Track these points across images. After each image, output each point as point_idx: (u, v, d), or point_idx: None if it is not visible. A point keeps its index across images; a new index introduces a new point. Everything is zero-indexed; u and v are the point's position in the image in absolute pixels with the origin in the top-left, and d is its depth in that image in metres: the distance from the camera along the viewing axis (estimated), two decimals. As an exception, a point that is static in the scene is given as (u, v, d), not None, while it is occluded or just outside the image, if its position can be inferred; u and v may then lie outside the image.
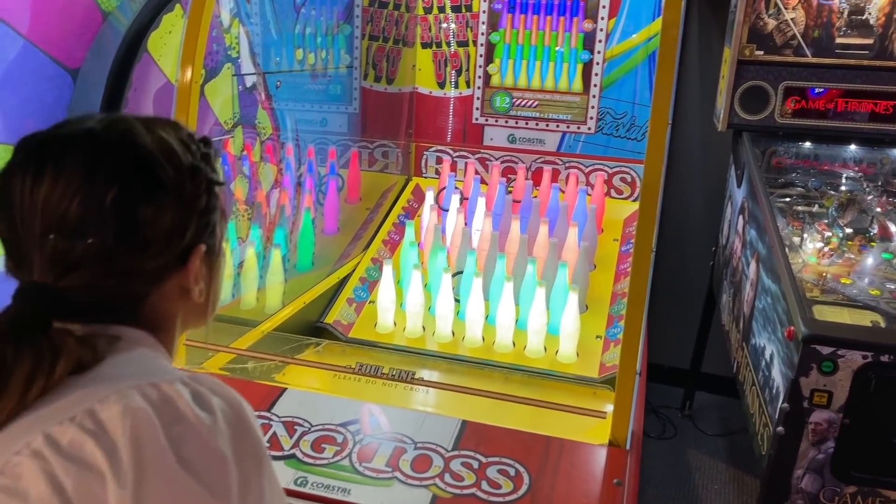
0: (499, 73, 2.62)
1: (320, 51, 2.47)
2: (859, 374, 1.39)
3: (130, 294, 0.67)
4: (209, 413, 0.61)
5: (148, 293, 0.68)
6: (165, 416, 0.58)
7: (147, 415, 0.58)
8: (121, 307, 0.67)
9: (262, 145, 2.29)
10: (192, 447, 0.58)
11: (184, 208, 0.68)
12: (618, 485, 1.23)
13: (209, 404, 0.61)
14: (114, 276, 0.65)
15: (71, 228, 0.62)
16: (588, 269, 2.23)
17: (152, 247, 0.66)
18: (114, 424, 0.57)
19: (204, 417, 0.60)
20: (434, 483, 1.22)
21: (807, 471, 1.48)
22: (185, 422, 0.59)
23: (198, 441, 0.59)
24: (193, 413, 0.60)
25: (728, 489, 2.34)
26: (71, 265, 0.63)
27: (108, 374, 0.62)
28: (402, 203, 2.66)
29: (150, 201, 0.65)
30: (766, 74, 2.09)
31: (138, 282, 0.67)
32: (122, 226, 0.64)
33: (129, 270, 0.65)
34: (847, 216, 1.93)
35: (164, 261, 0.67)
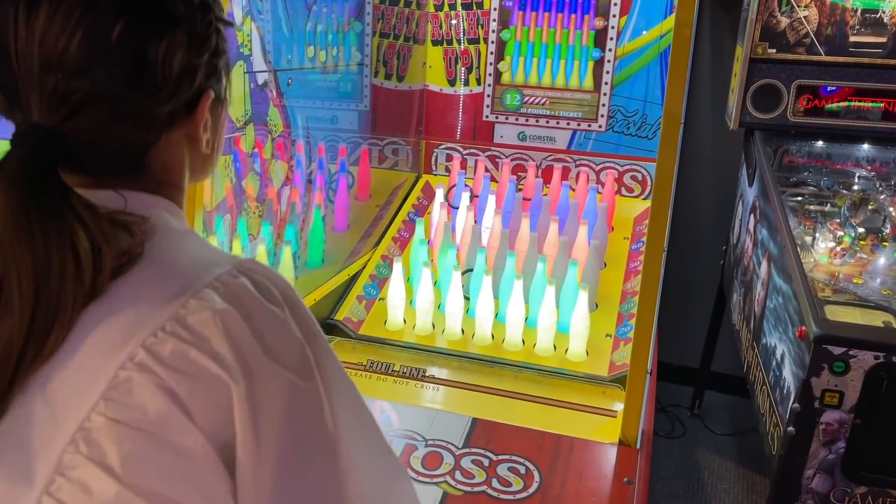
0: (509, 70, 2.62)
1: (331, 48, 2.47)
2: (871, 374, 1.39)
3: (138, 142, 0.63)
4: (274, 301, 0.60)
5: (155, 141, 0.63)
6: (244, 312, 0.58)
7: (233, 314, 0.57)
8: (127, 156, 0.63)
9: (273, 142, 2.30)
10: (272, 337, 0.58)
11: (194, 48, 0.62)
12: (628, 483, 1.23)
13: (270, 292, 0.60)
14: (121, 120, 0.60)
15: (73, 66, 0.57)
16: (598, 268, 2.23)
17: (162, 90, 0.61)
18: (208, 329, 0.56)
19: (272, 307, 0.59)
20: (445, 480, 1.23)
21: (817, 471, 1.48)
22: (260, 314, 0.58)
23: (275, 330, 0.59)
24: (263, 304, 0.59)
25: (737, 488, 2.34)
26: (74, 107, 0.58)
27: (166, 271, 0.59)
28: (412, 200, 2.66)
29: (160, 37, 0.60)
30: (779, 73, 2.08)
31: (147, 128, 0.62)
32: (130, 64, 0.58)
33: (138, 115, 0.61)
34: (859, 215, 1.93)
35: (174, 106, 0.62)
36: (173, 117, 0.63)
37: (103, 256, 0.56)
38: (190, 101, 0.64)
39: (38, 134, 0.57)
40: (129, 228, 0.59)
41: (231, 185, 2.18)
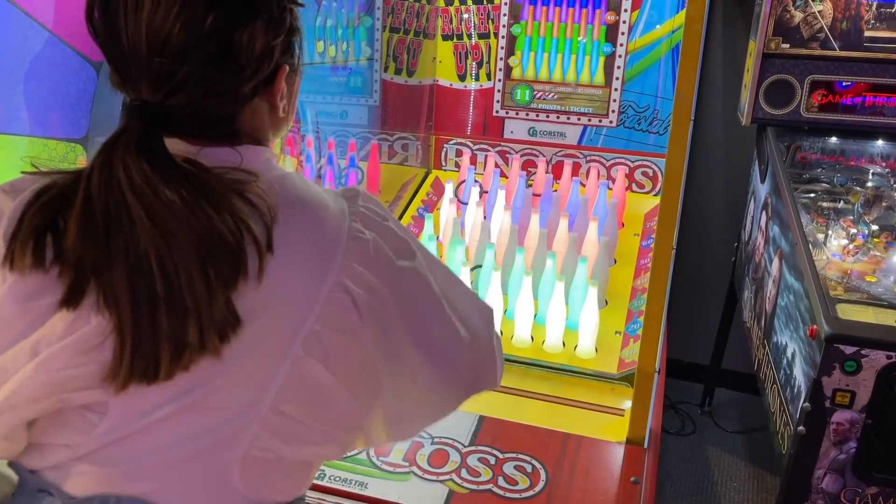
0: (520, 65, 2.60)
1: (341, 43, 2.47)
2: (883, 374, 1.38)
3: (228, 112, 0.75)
4: (382, 216, 0.78)
5: (242, 111, 0.76)
6: (377, 232, 0.76)
7: (374, 238, 0.75)
8: (220, 124, 0.75)
9: (282, 138, 2.30)
10: (392, 243, 0.77)
11: (272, 32, 0.74)
12: (635, 483, 1.23)
13: (376, 211, 0.78)
14: (214, 96, 0.72)
15: (174, 52, 0.68)
16: (608, 264, 2.22)
17: (246, 69, 0.72)
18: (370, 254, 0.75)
19: (383, 221, 0.78)
20: (451, 478, 1.22)
21: (828, 471, 1.47)
22: (382, 230, 0.76)
23: (392, 238, 0.77)
24: (380, 222, 0.77)
25: (747, 487, 2.33)
26: (175, 87, 0.69)
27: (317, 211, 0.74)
28: (422, 196, 2.66)
29: (244, 25, 0.71)
30: (792, 68, 2.06)
31: (235, 101, 0.74)
32: (221, 49, 0.70)
33: (227, 91, 0.72)
34: (873, 213, 1.90)
35: (257, 82, 0.74)
36: (255, 91, 0.75)
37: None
38: (269, 76, 0.76)
39: (147, 110, 0.69)
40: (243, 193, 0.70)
41: (240, 181, 2.18)
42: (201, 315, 0.66)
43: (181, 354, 0.67)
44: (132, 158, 0.66)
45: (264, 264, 0.69)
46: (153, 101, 0.70)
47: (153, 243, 0.65)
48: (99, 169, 0.67)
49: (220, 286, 0.67)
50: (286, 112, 0.81)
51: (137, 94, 0.71)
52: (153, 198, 0.65)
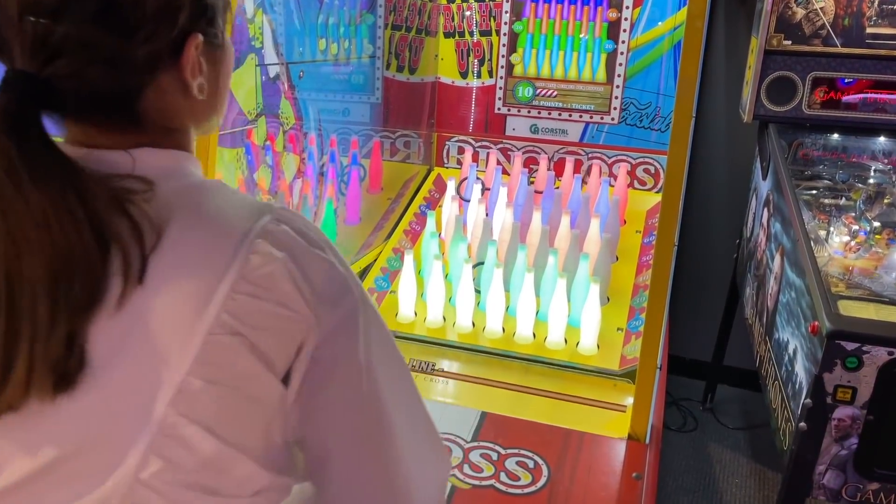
0: (522, 62, 2.61)
1: (343, 40, 2.47)
2: (884, 370, 1.38)
3: (123, 86, 0.62)
4: (316, 244, 0.64)
5: (141, 86, 0.63)
6: (295, 257, 0.62)
7: (289, 262, 0.61)
8: (116, 102, 0.62)
9: (285, 135, 2.30)
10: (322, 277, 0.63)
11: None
12: (637, 478, 1.23)
13: (309, 236, 0.65)
14: (98, 63, 0.59)
15: (48, 8, 0.57)
16: (610, 261, 2.22)
17: (138, 32, 0.60)
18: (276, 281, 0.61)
19: (315, 249, 0.64)
20: (453, 474, 1.23)
21: (829, 467, 1.47)
22: (308, 258, 0.63)
23: (323, 270, 0.64)
24: (307, 248, 0.63)
25: (749, 483, 2.33)
26: (52, 52, 0.58)
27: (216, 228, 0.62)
28: (424, 193, 2.66)
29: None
30: (794, 65, 2.06)
31: (128, 72, 0.61)
32: (99, 5, 0.58)
33: (115, 57, 0.60)
34: (875, 209, 1.90)
35: (153, 48, 0.61)
36: (156, 61, 0.62)
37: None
38: (174, 44, 0.63)
39: (20, 80, 0.58)
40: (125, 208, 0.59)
41: (243, 178, 2.19)
42: (34, 345, 0.55)
43: (2, 386, 0.56)
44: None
45: (127, 297, 0.57)
46: (29, 72, 0.58)
47: (3, 250, 0.55)
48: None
49: (66, 315, 0.56)
50: (207, 94, 0.67)
51: (11, 65, 0.59)
52: (14, 194, 0.55)
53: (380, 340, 0.68)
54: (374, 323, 0.67)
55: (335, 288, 0.64)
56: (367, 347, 0.66)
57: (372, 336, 0.66)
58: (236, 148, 2.16)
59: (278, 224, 0.63)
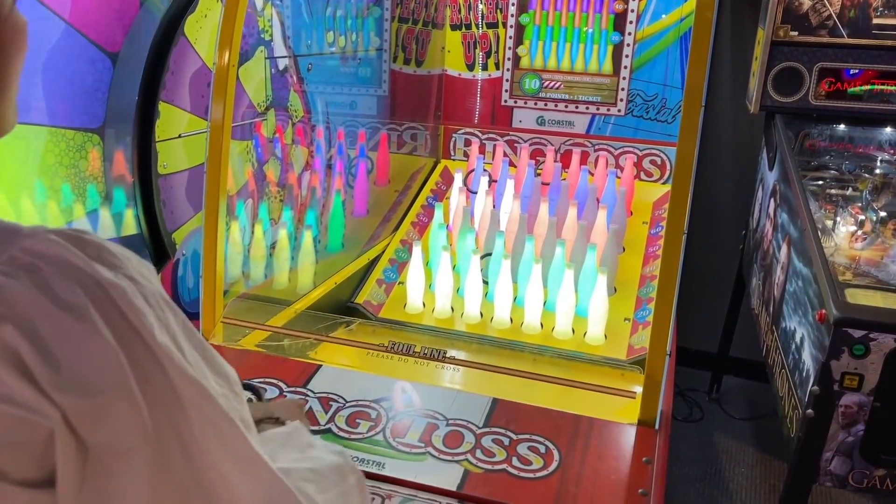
0: (528, 54, 2.62)
1: (350, 33, 2.49)
2: (891, 357, 1.39)
3: None
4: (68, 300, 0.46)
5: None
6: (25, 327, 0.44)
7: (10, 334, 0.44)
8: None
9: (293, 128, 2.32)
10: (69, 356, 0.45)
11: None
12: (647, 463, 1.25)
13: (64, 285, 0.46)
14: None
15: None
16: (617, 252, 2.24)
17: None
18: None
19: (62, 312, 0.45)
20: (466, 458, 1.25)
21: (836, 453, 1.49)
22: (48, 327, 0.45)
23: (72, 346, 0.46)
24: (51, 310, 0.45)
25: (754, 472, 2.35)
26: None
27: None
28: (431, 185, 2.67)
29: None
30: (801, 56, 2.07)
31: None
32: None
33: None
34: (881, 199, 1.91)
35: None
36: None
37: None
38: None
39: None
40: None
41: (252, 170, 2.21)
42: None
43: None
44: None
45: None
46: None
47: None
48: None
49: None
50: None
51: None
52: None
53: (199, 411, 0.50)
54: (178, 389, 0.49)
55: (93, 369, 0.46)
56: (171, 427, 0.49)
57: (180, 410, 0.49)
58: (245, 140, 2.17)
59: (13, 274, 0.44)
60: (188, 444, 0.49)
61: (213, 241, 1.52)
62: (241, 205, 2.13)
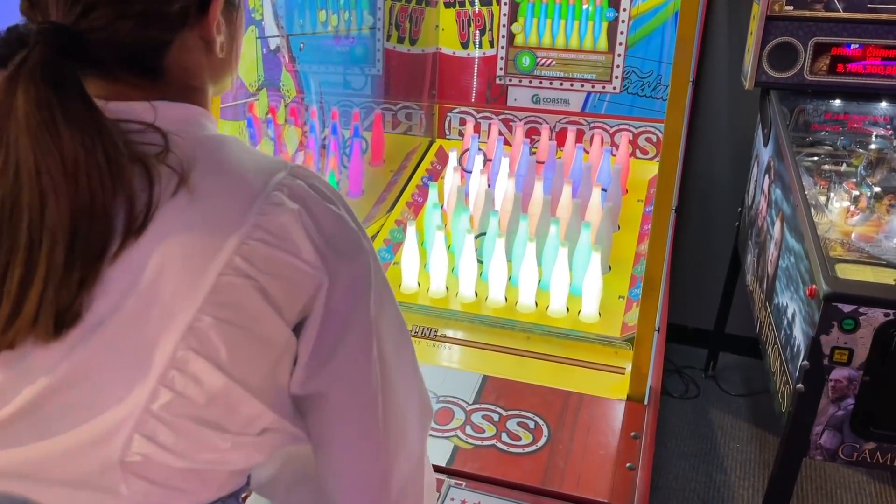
0: (523, 32, 2.60)
1: (343, 12, 2.47)
2: (881, 331, 1.40)
3: (152, 40, 0.64)
4: (329, 199, 0.66)
5: (170, 42, 0.65)
6: (310, 211, 0.64)
7: (303, 214, 0.63)
8: (145, 57, 0.65)
9: (286, 108, 2.31)
10: (335, 230, 0.66)
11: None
12: (635, 438, 1.26)
13: (323, 191, 0.67)
14: (131, 17, 0.61)
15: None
16: (612, 230, 2.24)
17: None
18: (290, 231, 0.63)
19: (329, 204, 0.66)
20: (456, 435, 1.26)
21: (826, 427, 1.50)
22: (322, 211, 0.65)
23: (336, 224, 0.66)
24: (321, 202, 0.66)
25: (750, 448, 2.36)
26: (88, 4, 0.60)
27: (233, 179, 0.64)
28: (426, 165, 2.67)
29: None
30: (796, 30, 2.05)
31: (158, 27, 0.64)
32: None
33: (147, 13, 0.62)
34: (876, 175, 1.91)
35: (184, 4, 0.64)
36: (185, 17, 0.65)
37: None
38: (202, 1, 0.66)
39: (57, 31, 0.59)
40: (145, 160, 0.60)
41: (246, 151, 2.20)
42: (47, 288, 0.56)
43: (10, 325, 0.57)
44: (35, 90, 0.56)
45: (126, 245, 0.58)
46: (64, 24, 0.59)
47: (29, 200, 0.56)
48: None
49: (80, 262, 0.57)
50: (226, 52, 0.70)
51: (45, 16, 0.60)
52: (50, 142, 0.56)
53: (388, 301, 0.70)
54: (383, 284, 0.69)
55: (348, 243, 0.66)
56: (378, 306, 0.67)
57: (383, 296, 0.69)
58: (238, 121, 2.17)
59: (294, 178, 0.65)
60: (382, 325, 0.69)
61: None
62: (234, 186, 2.13)
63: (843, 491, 2.19)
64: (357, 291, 0.67)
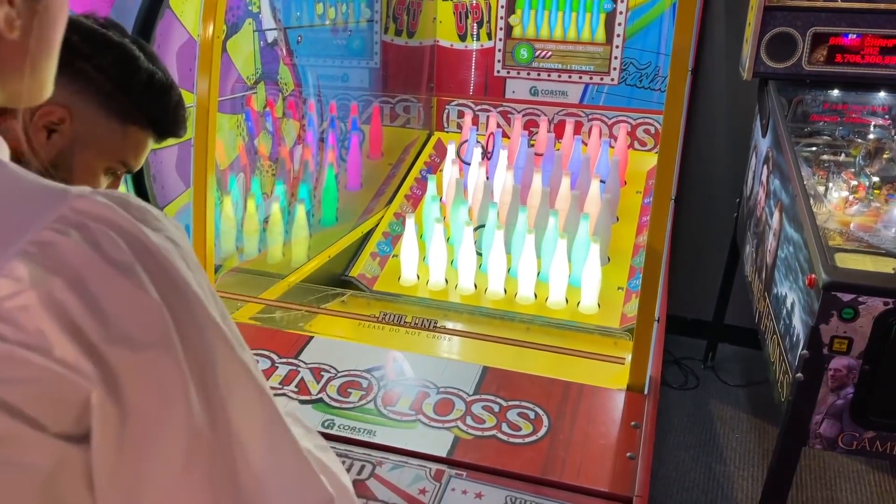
0: (520, 24, 2.59)
1: (340, 5, 2.46)
2: (880, 320, 1.40)
3: None
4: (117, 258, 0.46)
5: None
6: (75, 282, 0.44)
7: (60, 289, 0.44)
8: None
9: (284, 101, 2.31)
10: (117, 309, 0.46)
11: None
12: (635, 427, 1.26)
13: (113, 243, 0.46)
14: None
15: None
16: (610, 222, 2.24)
17: None
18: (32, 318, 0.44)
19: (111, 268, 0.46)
20: (456, 425, 1.26)
21: (825, 416, 1.50)
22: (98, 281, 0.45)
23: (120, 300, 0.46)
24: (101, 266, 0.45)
25: (749, 438, 2.37)
26: None
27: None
28: (424, 158, 2.67)
29: None
30: (794, 20, 2.04)
31: None
32: None
33: None
34: (875, 165, 1.90)
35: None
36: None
37: None
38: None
39: None
40: None
41: (244, 144, 2.20)
42: None
43: None
44: None
45: None
46: None
47: None
48: None
49: None
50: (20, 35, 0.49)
51: None
52: None
53: (226, 372, 0.51)
54: (212, 349, 0.50)
55: (140, 324, 0.46)
56: (201, 388, 0.49)
57: (210, 370, 0.50)
58: (237, 114, 2.16)
59: (63, 231, 0.45)
60: (217, 405, 0.50)
61: (202, 216, 1.52)
62: (233, 179, 2.13)
63: (842, 480, 2.20)
64: (162, 384, 0.47)
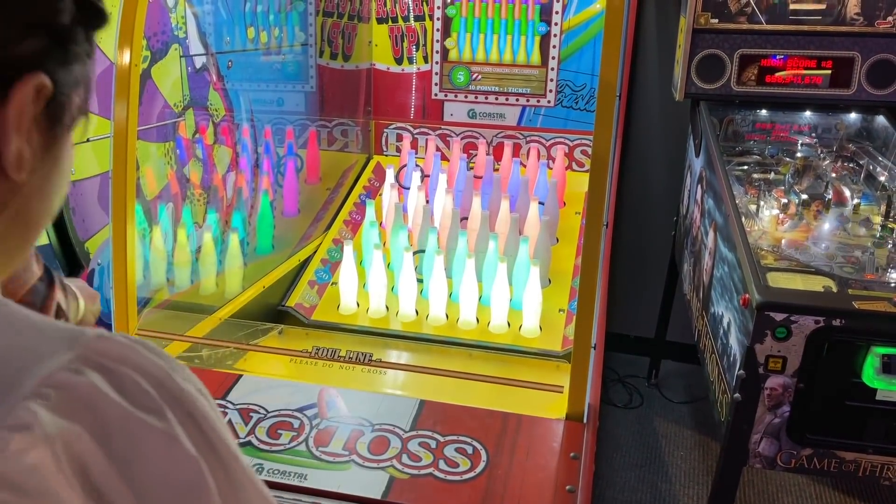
0: (456, 47, 2.59)
1: (273, 28, 2.41)
2: (812, 338, 1.41)
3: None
4: (146, 403, 0.40)
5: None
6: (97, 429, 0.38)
7: (79, 438, 0.37)
8: None
9: (216, 127, 2.24)
10: (147, 465, 0.39)
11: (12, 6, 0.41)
12: (574, 458, 1.24)
13: (140, 388, 0.40)
14: None
15: None
16: (550, 243, 2.23)
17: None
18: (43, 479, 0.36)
19: (142, 414, 0.39)
20: (391, 464, 1.22)
21: (764, 435, 1.51)
22: (124, 428, 0.39)
23: (152, 451, 0.40)
24: (127, 411, 0.39)
25: (693, 455, 2.38)
26: None
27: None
28: (363, 182, 2.63)
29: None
30: (722, 43, 2.09)
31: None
32: None
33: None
34: (804, 182, 1.95)
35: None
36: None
37: None
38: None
39: None
40: None
41: (173, 172, 2.12)
42: None
43: None
44: None
45: None
46: None
47: None
48: None
49: None
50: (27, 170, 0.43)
51: None
52: None
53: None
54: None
55: (175, 484, 0.40)
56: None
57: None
58: (167, 142, 2.09)
59: (80, 371, 0.38)
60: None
61: (122, 249, 1.45)
62: (162, 208, 2.05)
63: (784, 494, 2.22)
64: None
